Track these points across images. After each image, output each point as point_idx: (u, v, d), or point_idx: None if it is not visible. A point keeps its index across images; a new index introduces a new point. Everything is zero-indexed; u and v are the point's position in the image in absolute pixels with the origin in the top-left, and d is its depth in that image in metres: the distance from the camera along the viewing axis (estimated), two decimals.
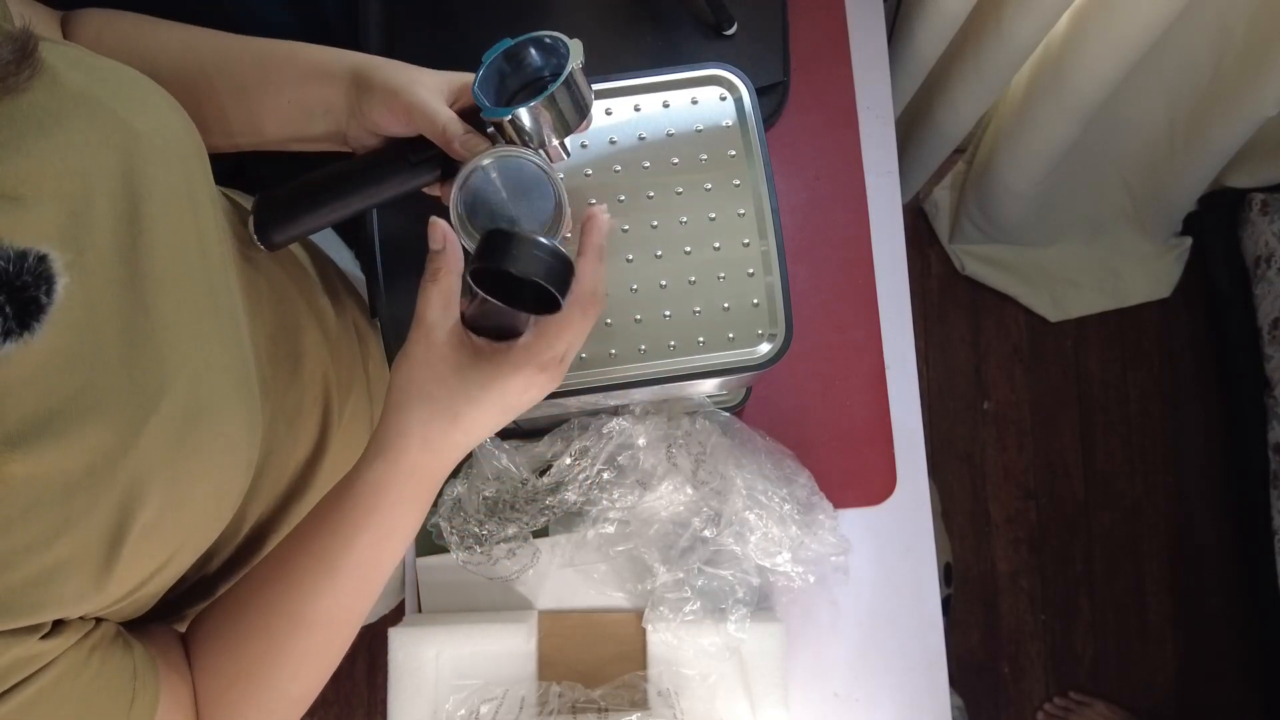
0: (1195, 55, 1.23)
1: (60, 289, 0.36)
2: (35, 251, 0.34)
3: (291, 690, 0.51)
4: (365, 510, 0.49)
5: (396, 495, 0.49)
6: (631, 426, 0.75)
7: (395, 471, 0.49)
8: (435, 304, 0.50)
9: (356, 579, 0.50)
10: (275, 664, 0.50)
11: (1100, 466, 1.72)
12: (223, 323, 0.50)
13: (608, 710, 0.78)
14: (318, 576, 0.49)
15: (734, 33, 0.84)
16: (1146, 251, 1.70)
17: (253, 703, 0.50)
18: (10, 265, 0.31)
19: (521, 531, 0.78)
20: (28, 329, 0.31)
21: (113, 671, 0.44)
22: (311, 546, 0.50)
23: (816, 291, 0.89)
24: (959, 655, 1.66)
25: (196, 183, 0.49)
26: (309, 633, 0.50)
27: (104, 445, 0.40)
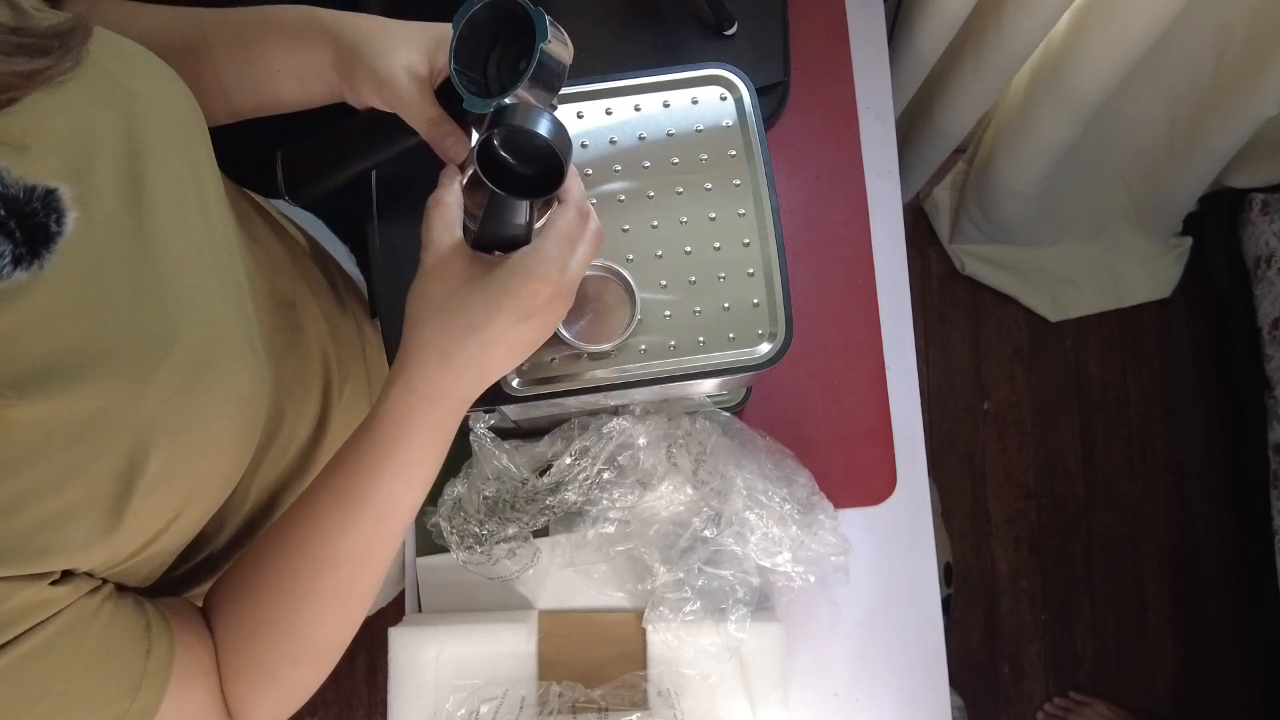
0: (1195, 55, 1.23)
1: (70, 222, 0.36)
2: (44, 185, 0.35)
3: (316, 636, 0.50)
4: (387, 440, 0.49)
5: (418, 421, 0.49)
6: (632, 426, 0.75)
7: (414, 394, 0.49)
8: (439, 226, 0.51)
9: (378, 515, 0.49)
10: (297, 607, 0.49)
11: (1100, 466, 1.72)
12: (225, 280, 0.51)
13: (608, 710, 0.78)
14: (339, 513, 0.49)
15: (734, 33, 0.84)
16: (1147, 251, 1.70)
17: (277, 652, 0.50)
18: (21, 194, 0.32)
19: (521, 531, 0.78)
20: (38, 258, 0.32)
21: (125, 621, 0.44)
22: (333, 483, 0.49)
23: (816, 291, 0.89)
24: (959, 655, 1.66)
25: (196, 146, 0.50)
26: (331, 572, 0.49)
27: (113, 392, 0.41)
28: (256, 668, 0.50)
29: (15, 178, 0.31)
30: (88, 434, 0.40)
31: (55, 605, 0.40)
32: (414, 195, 0.60)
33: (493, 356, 0.50)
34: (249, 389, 0.50)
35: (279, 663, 0.50)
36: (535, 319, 0.50)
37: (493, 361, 0.50)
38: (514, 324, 0.49)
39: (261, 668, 0.50)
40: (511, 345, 0.50)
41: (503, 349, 0.50)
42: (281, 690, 0.51)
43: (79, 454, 0.39)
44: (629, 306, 0.60)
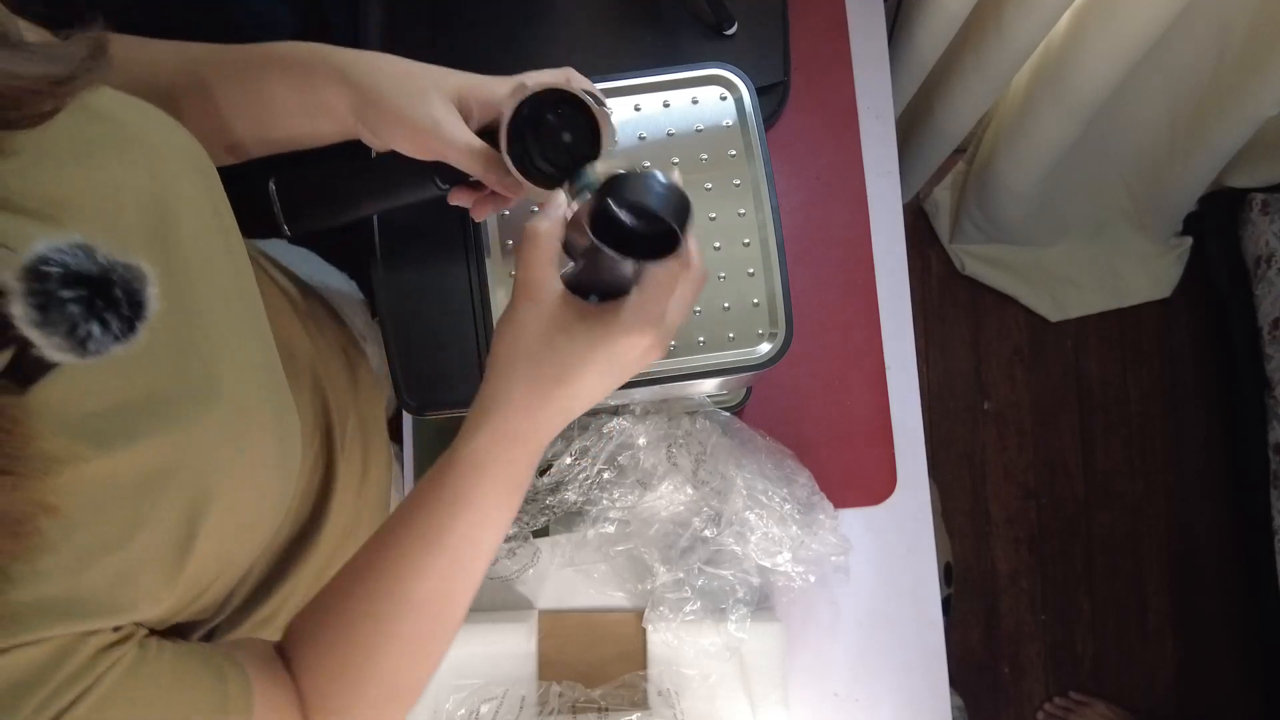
0: (1195, 55, 1.23)
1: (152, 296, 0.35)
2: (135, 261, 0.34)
3: (399, 681, 0.50)
4: (465, 484, 0.48)
5: (500, 467, 0.48)
6: (632, 426, 0.75)
7: (496, 440, 0.48)
8: (537, 265, 0.49)
9: (459, 558, 0.49)
10: (380, 652, 0.48)
11: (1100, 466, 1.72)
12: (255, 326, 0.51)
13: (608, 710, 0.78)
14: (420, 555, 0.48)
15: (734, 32, 0.84)
16: (1147, 251, 1.70)
17: (361, 696, 0.49)
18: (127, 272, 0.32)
19: (521, 531, 0.78)
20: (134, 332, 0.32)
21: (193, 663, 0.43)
22: (413, 525, 0.49)
23: (816, 291, 0.89)
24: (959, 655, 1.66)
25: (215, 194, 0.50)
26: (413, 615, 0.48)
27: (170, 444, 0.41)
28: (337, 710, 0.49)
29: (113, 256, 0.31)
30: (150, 487, 0.40)
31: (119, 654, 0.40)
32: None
33: (581, 402, 0.49)
34: (286, 431, 0.50)
35: (359, 706, 0.49)
36: (629, 369, 0.49)
37: (579, 404, 0.49)
38: (606, 375, 0.48)
39: (342, 710, 0.49)
40: (600, 393, 0.49)
41: (590, 397, 0.49)
42: None
43: (143, 508, 0.40)
44: None
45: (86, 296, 0.30)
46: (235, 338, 0.48)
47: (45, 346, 0.29)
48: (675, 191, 0.43)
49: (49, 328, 0.29)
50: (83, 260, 0.30)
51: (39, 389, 0.34)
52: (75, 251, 0.30)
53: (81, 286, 0.30)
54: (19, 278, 0.29)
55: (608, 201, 0.43)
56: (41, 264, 0.29)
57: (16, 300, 0.29)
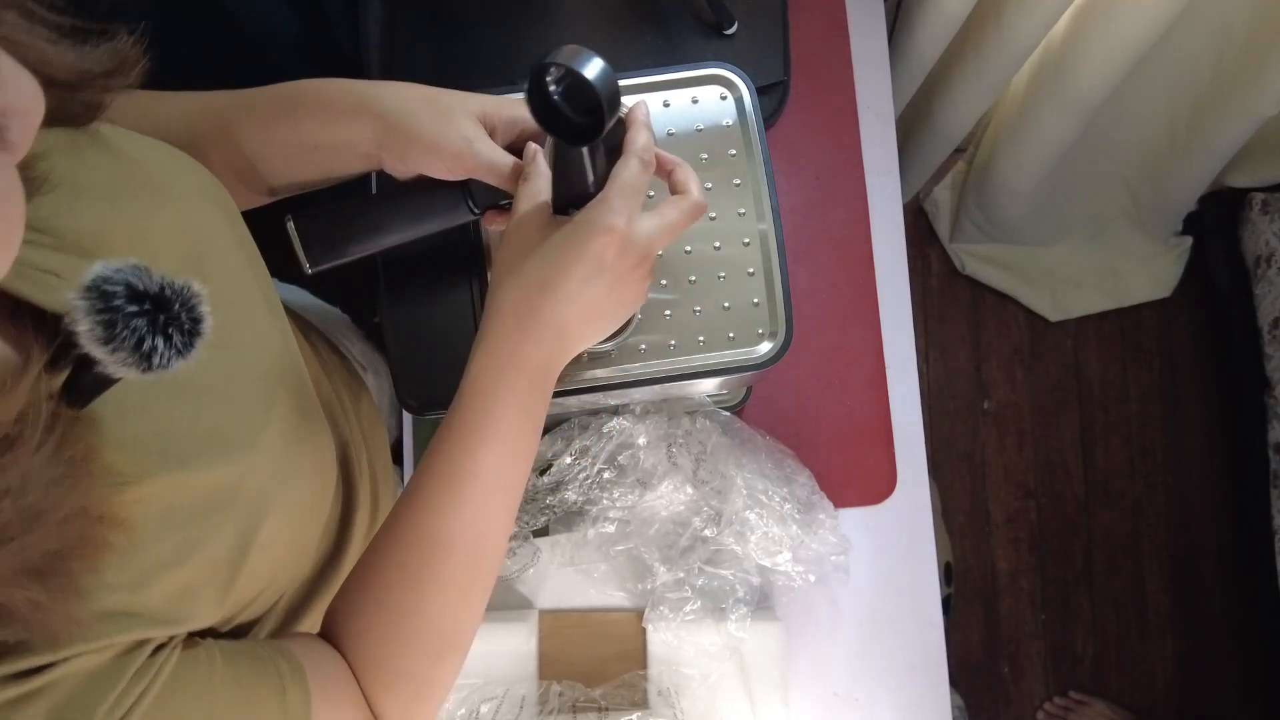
0: (1196, 55, 1.23)
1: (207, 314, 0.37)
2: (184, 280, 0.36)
3: (445, 627, 0.50)
4: (475, 413, 0.49)
5: (502, 390, 0.49)
6: (632, 426, 0.75)
7: (493, 362, 0.49)
8: (524, 197, 0.51)
9: (484, 491, 0.49)
10: (424, 597, 0.49)
11: (1100, 466, 1.72)
12: (290, 354, 0.53)
13: (608, 710, 0.78)
14: (443, 495, 0.49)
15: (734, 32, 0.84)
16: (1147, 251, 1.70)
17: (409, 651, 0.49)
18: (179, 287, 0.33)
19: (521, 531, 0.78)
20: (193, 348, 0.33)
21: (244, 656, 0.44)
22: (433, 467, 0.49)
23: (816, 291, 0.89)
24: (959, 655, 1.66)
25: (242, 235, 0.52)
26: (450, 555, 0.49)
27: (231, 465, 0.43)
28: (392, 671, 0.49)
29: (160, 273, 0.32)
30: (209, 509, 0.42)
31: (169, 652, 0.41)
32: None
33: (569, 317, 0.49)
34: (325, 451, 0.52)
35: (412, 661, 0.50)
36: (607, 275, 0.49)
37: (570, 323, 0.49)
38: (585, 281, 0.48)
39: (397, 670, 0.49)
40: (589, 307, 0.49)
41: (579, 310, 0.49)
42: (423, 687, 0.51)
43: (203, 528, 0.42)
44: None
45: (150, 311, 0.31)
46: (276, 367, 0.50)
47: (110, 362, 0.30)
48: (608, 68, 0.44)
49: (115, 343, 0.30)
50: (143, 278, 0.31)
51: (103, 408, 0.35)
52: (134, 271, 0.31)
53: (145, 302, 0.31)
54: (82, 296, 0.30)
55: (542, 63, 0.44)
56: (104, 283, 0.30)
57: (82, 318, 0.30)
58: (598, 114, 0.44)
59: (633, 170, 0.49)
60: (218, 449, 0.43)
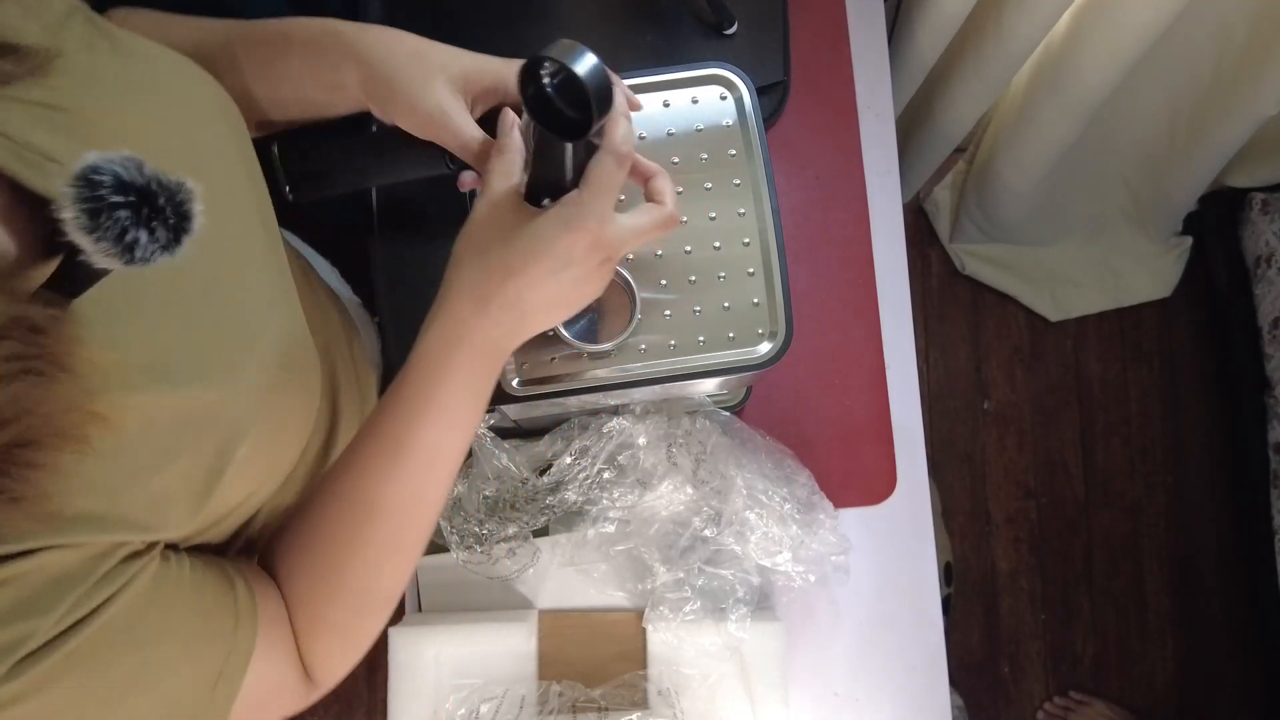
0: (1195, 55, 1.23)
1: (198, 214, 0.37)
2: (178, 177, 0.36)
3: (374, 584, 0.52)
4: (424, 384, 0.49)
5: (453, 365, 0.49)
6: (632, 426, 0.75)
7: (448, 338, 0.49)
8: (498, 173, 0.51)
9: (423, 461, 0.50)
10: (353, 555, 0.50)
11: (1100, 466, 1.72)
12: (283, 274, 0.53)
13: (608, 710, 0.78)
14: (385, 461, 0.50)
15: (734, 32, 0.84)
16: (1147, 251, 1.70)
17: (338, 601, 0.51)
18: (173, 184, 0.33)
19: (521, 531, 0.78)
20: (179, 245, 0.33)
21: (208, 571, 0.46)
22: (377, 430, 0.50)
23: (816, 291, 0.89)
24: (959, 655, 1.66)
25: (246, 150, 0.52)
26: (384, 519, 0.50)
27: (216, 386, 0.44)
28: (320, 618, 0.51)
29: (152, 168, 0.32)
30: (191, 423, 0.43)
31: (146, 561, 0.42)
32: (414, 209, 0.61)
33: (530, 304, 0.50)
34: (311, 381, 0.53)
35: (339, 612, 0.51)
36: (574, 270, 0.49)
37: (530, 309, 0.50)
38: (549, 274, 0.49)
39: (325, 618, 0.51)
40: (551, 296, 0.50)
41: (541, 298, 0.50)
42: (346, 638, 0.53)
43: (183, 439, 0.43)
44: (629, 306, 0.60)
45: (135, 203, 0.31)
46: (270, 286, 0.51)
47: (94, 252, 0.31)
48: (600, 66, 0.44)
49: (98, 233, 0.30)
50: (132, 171, 0.31)
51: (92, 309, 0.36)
52: (125, 163, 0.31)
53: (131, 193, 0.31)
54: (70, 184, 0.30)
55: (536, 56, 0.44)
56: (92, 172, 0.30)
57: (68, 205, 0.30)
58: (588, 110, 0.45)
59: (609, 168, 0.49)
60: (203, 369, 0.44)
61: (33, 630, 0.36)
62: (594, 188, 0.49)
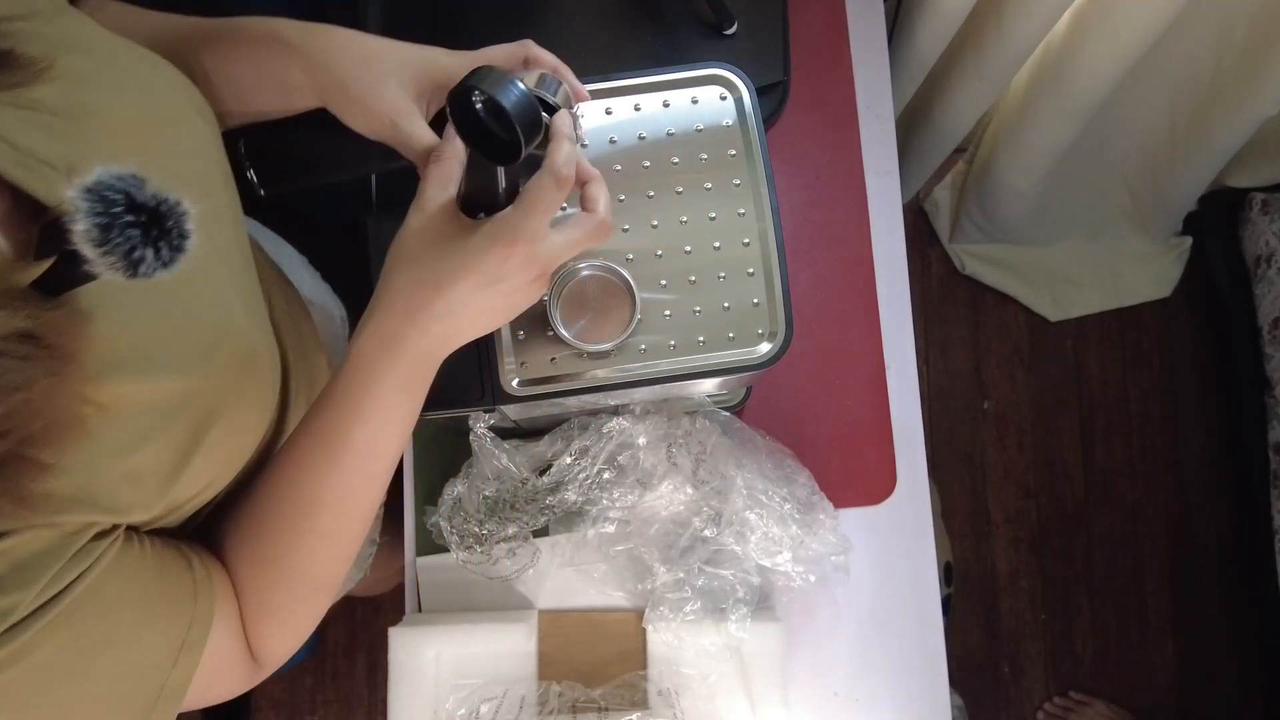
0: (1195, 55, 1.23)
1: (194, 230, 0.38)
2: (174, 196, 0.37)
3: (313, 571, 0.54)
4: (357, 388, 0.51)
5: (384, 370, 0.50)
6: (631, 426, 0.75)
7: (380, 343, 0.50)
8: (434, 181, 0.52)
9: (358, 460, 0.52)
10: (293, 545, 0.53)
11: (1100, 466, 1.72)
12: (249, 266, 0.55)
13: (608, 710, 0.78)
14: (321, 458, 0.52)
15: (734, 32, 0.84)
16: (1147, 251, 1.70)
17: (280, 587, 0.54)
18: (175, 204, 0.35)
19: (521, 531, 0.78)
20: (176, 262, 0.35)
21: (167, 551, 0.49)
22: (313, 429, 0.52)
23: (816, 291, 0.89)
24: (959, 655, 1.66)
25: (217, 136, 0.53)
26: (322, 513, 0.52)
27: (188, 377, 0.46)
28: (265, 603, 0.54)
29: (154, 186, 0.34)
30: (164, 408, 0.45)
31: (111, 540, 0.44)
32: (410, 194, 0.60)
33: (460, 316, 0.50)
34: (271, 373, 0.55)
35: (282, 597, 0.54)
36: (504, 285, 0.50)
37: (461, 322, 0.51)
38: (480, 288, 0.50)
39: (267, 603, 0.54)
40: (481, 309, 0.51)
41: (471, 311, 0.50)
42: (289, 621, 0.55)
43: (156, 423, 0.45)
44: (629, 306, 0.60)
45: (145, 223, 0.33)
46: (237, 273, 0.53)
47: (99, 264, 0.32)
48: (527, 99, 0.45)
49: (108, 247, 0.32)
50: (140, 190, 0.33)
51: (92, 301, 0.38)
52: (132, 181, 0.33)
53: (141, 214, 0.33)
54: (84, 197, 0.31)
55: (465, 86, 0.45)
56: (105, 189, 0.32)
57: (81, 218, 0.31)
58: (515, 136, 0.46)
59: (547, 188, 0.49)
60: (179, 358, 0.46)
61: (16, 604, 0.38)
62: (529, 206, 0.49)
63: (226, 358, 0.50)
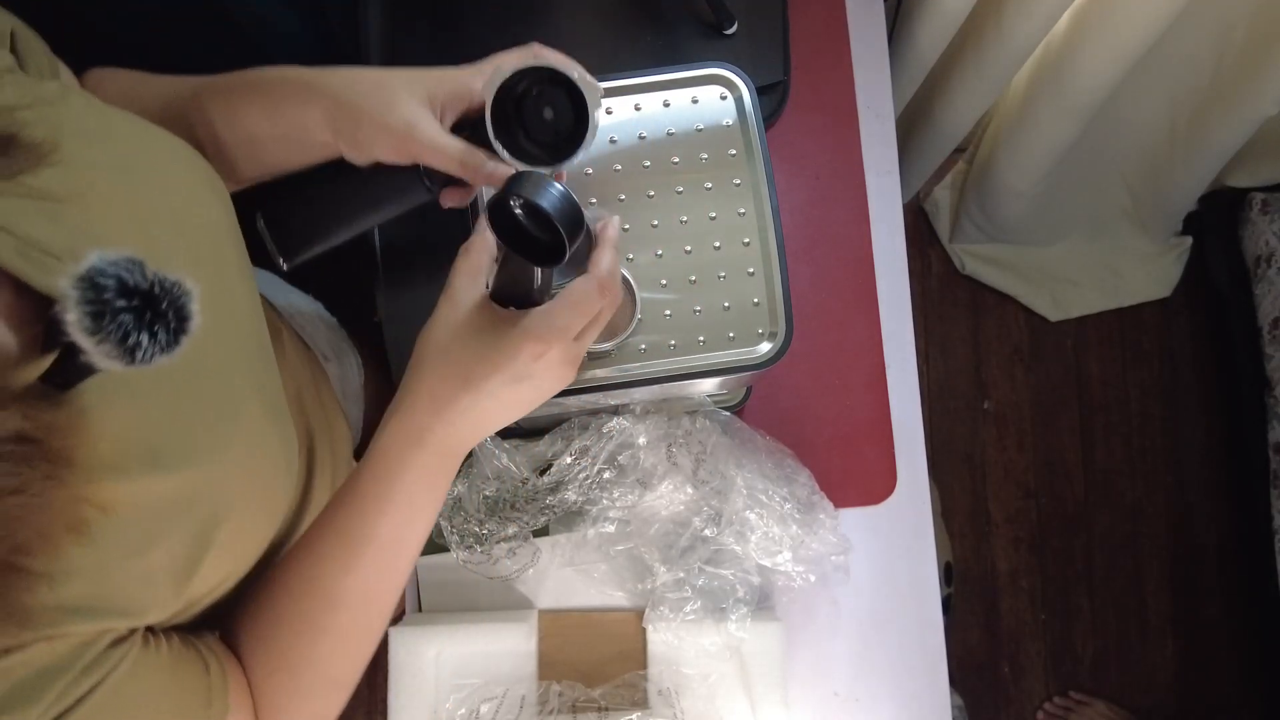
0: (1195, 55, 1.23)
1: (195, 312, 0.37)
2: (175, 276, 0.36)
3: (331, 671, 0.52)
4: (381, 481, 0.50)
5: (410, 463, 0.50)
6: (632, 426, 0.75)
7: (406, 437, 0.49)
8: (463, 273, 0.51)
9: (380, 554, 0.51)
10: (311, 644, 0.51)
11: (1100, 466, 1.72)
12: (265, 346, 0.53)
13: (608, 710, 0.78)
14: (341, 553, 0.50)
15: (734, 32, 0.84)
16: (1147, 251, 1.70)
17: (295, 689, 0.52)
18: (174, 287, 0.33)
19: (522, 531, 0.78)
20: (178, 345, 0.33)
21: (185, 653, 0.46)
22: (334, 523, 0.51)
23: (816, 291, 0.89)
24: (959, 655, 1.66)
25: (230, 216, 0.52)
26: (339, 611, 0.51)
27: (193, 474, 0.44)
28: (278, 706, 0.51)
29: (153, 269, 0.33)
30: (175, 507, 0.43)
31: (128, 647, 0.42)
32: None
33: (487, 409, 0.50)
34: (287, 460, 0.53)
35: (298, 701, 0.52)
36: (535, 380, 0.50)
37: (488, 414, 0.50)
38: (510, 383, 0.49)
39: (281, 703, 0.51)
40: (508, 403, 0.50)
41: (499, 405, 0.50)
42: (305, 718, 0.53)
43: (165, 524, 0.42)
44: (629, 306, 0.60)
45: (139, 308, 0.31)
46: (251, 361, 0.50)
47: (94, 353, 0.31)
48: (569, 201, 0.45)
49: (101, 335, 0.31)
50: (135, 274, 0.31)
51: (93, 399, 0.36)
52: (127, 265, 0.31)
53: (134, 298, 0.31)
54: (75, 286, 0.30)
55: (506, 193, 0.45)
56: (97, 275, 0.30)
57: (72, 307, 0.30)
58: (559, 237, 0.45)
59: (590, 293, 0.49)
60: (192, 451, 0.44)
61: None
62: (570, 308, 0.49)
63: (240, 446, 0.48)
